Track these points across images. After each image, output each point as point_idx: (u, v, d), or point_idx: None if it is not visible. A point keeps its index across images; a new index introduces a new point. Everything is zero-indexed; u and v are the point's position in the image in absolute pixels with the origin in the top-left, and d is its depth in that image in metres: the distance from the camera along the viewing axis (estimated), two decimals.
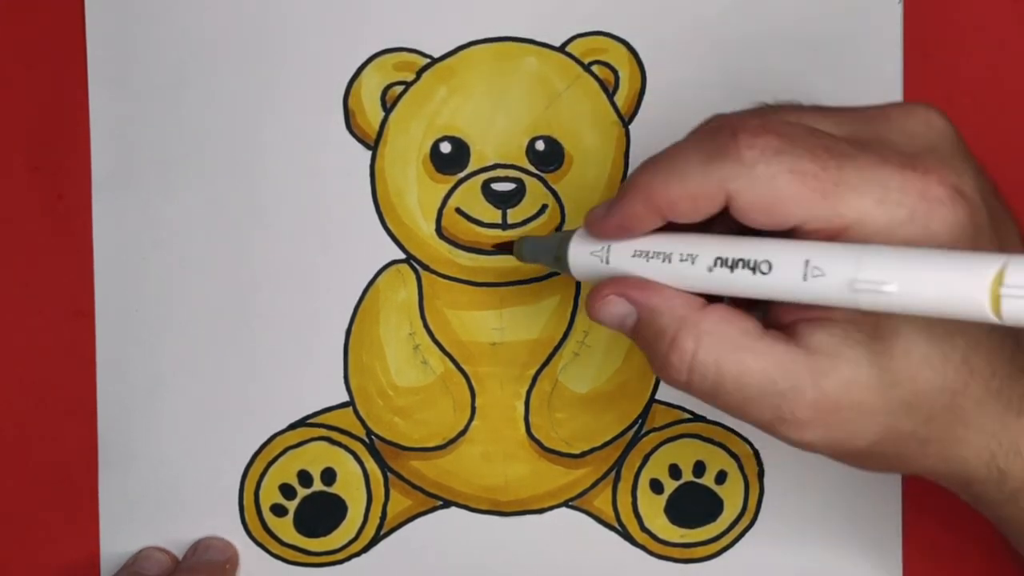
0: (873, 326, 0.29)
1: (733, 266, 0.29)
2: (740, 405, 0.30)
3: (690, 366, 0.30)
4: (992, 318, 0.24)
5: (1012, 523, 0.33)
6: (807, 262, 0.28)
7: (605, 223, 0.32)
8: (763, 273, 0.28)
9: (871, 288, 0.26)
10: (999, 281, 0.24)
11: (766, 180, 0.28)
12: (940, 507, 0.42)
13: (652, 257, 0.31)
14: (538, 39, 0.42)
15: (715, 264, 0.30)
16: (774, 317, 0.31)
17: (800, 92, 0.42)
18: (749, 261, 0.29)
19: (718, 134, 0.29)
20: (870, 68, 0.42)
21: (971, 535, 0.42)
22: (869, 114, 0.31)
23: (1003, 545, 0.42)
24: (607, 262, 0.32)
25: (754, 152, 0.29)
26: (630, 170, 0.42)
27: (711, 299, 0.31)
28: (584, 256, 0.33)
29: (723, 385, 0.30)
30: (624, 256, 0.32)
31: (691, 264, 0.30)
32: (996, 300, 0.24)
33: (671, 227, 0.31)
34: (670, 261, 0.31)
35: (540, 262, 0.38)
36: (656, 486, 0.43)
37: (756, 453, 0.43)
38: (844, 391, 0.29)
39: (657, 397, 0.43)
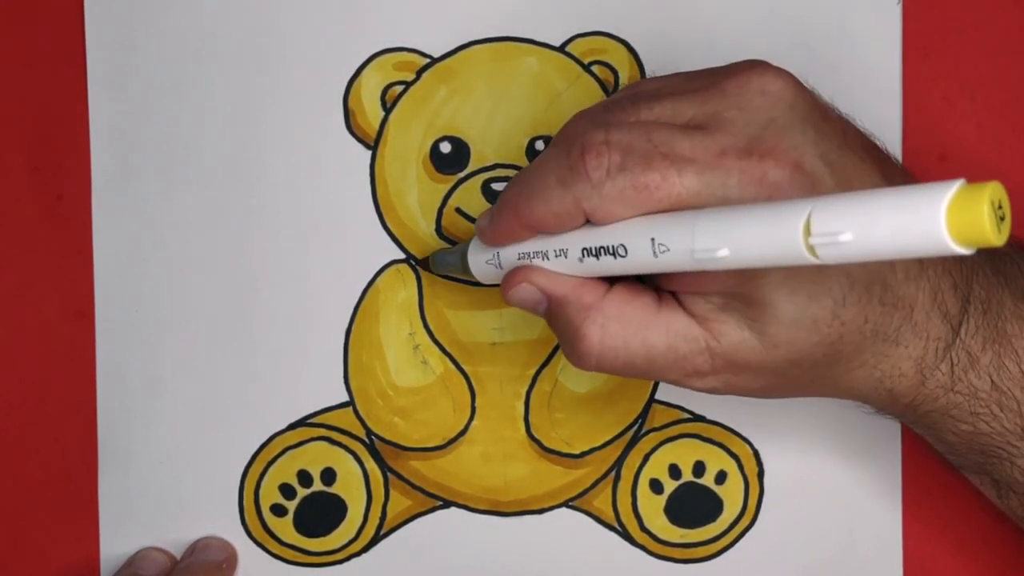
0: (746, 296, 0.31)
1: (598, 254, 0.32)
2: (651, 374, 0.33)
3: (599, 352, 0.33)
4: (817, 262, 0.26)
5: (917, 425, 0.36)
6: (653, 240, 0.30)
7: (488, 236, 0.35)
8: (622, 256, 0.31)
9: (708, 256, 0.28)
10: (807, 232, 0.25)
11: (613, 196, 0.31)
12: (940, 507, 0.42)
13: (533, 257, 0.34)
14: (538, 39, 0.42)
15: (583, 255, 0.32)
16: (664, 284, 0.33)
17: None
18: (608, 247, 0.31)
19: (570, 152, 0.32)
20: (870, 68, 0.42)
21: (971, 537, 0.42)
22: (708, 92, 0.32)
23: (1003, 546, 0.42)
24: (500, 267, 0.36)
25: (600, 172, 0.31)
26: None
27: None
28: (481, 264, 0.37)
29: (633, 362, 0.33)
30: (511, 259, 0.35)
31: (565, 258, 0.33)
32: (811, 249, 0.25)
33: None
34: (547, 258, 0.33)
35: (452, 273, 0.41)
36: (656, 486, 0.43)
37: (756, 453, 0.43)
38: (734, 351, 0.32)
39: (657, 397, 0.43)
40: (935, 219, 0.23)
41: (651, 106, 0.33)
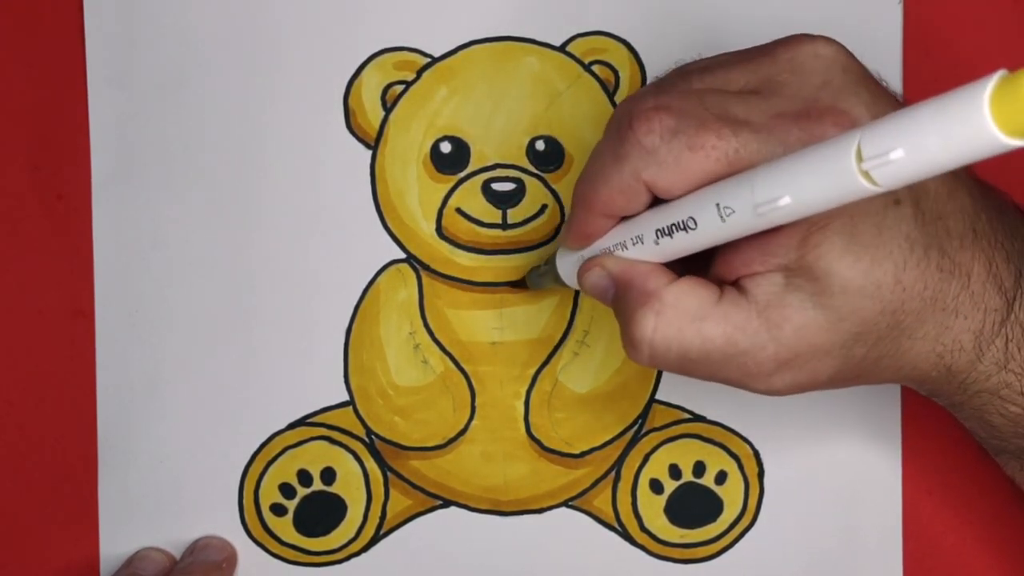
0: (809, 270, 0.31)
1: (671, 232, 0.31)
2: (709, 371, 0.32)
3: (651, 341, 0.32)
4: (875, 189, 0.25)
5: (965, 408, 0.35)
6: (718, 205, 0.29)
7: (567, 237, 0.35)
8: (693, 229, 0.30)
9: (771, 206, 0.28)
10: (860, 158, 0.25)
11: (672, 161, 0.30)
12: (940, 508, 0.42)
13: (613, 250, 0.33)
14: (539, 39, 0.43)
15: (657, 237, 0.32)
16: (723, 276, 0.33)
17: None
18: (679, 223, 0.31)
19: (620, 126, 0.31)
20: (870, 68, 0.42)
21: (972, 538, 0.42)
22: (759, 60, 0.32)
23: (1004, 547, 0.42)
24: None
25: (652, 137, 0.30)
26: None
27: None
28: (571, 270, 0.36)
29: (687, 354, 0.32)
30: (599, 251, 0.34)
31: (642, 244, 0.32)
32: (867, 175, 0.25)
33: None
34: (627, 248, 0.33)
35: (547, 286, 0.40)
36: (656, 486, 0.43)
37: (756, 453, 0.43)
38: (799, 338, 0.31)
39: (657, 397, 0.43)
40: (979, 114, 0.23)
41: (702, 77, 0.32)
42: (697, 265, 0.33)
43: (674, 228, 0.31)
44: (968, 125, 0.23)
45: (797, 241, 0.30)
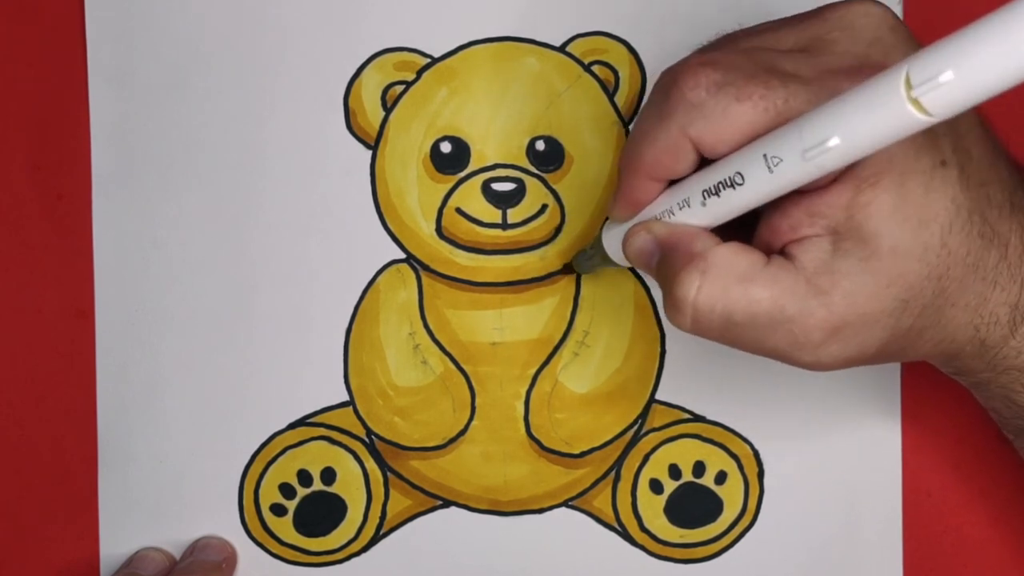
0: (857, 231, 0.30)
1: (717, 191, 0.30)
2: (754, 338, 0.31)
3: (695, 302, 0.31)
4: (926, 120, 0.25)
5: (990, 386, 0.35)
6: (765, 156, 0.29)
7: (616, 208, 0.34)
8: (740, 185, 0.30)
9: (820, 150, 0.27)
10: (909, 85, 0.25)
11: (720, 114, 0.30)
12: (940, 508, 0.42)
13: (660, 218, 0.33)
14: (538, 39, 0.42)
15: (704, 197, 0.31)
16: (769, 243, 0.32)
17: None
18: (726, 180, 0.30)
19: (664, 85, 0.31)
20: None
21: (972, 539, 0.42)
22: (808, 21, 0.32)
23: (1006, 548, 0.42)
24: None
25: (698, 91, 0.30)
26: None
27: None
28: (617, 246, 0.35)
29: (732, 317, 0.31)
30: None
31: (689, 207, 0.32)
32: (916, 103, 0.25)
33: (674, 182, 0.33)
34: (673, 214, 0.32)
35: (596, 268, 0.40)
36: (656, 486, 0.43)
37: (756, 453, 0.43)
38: (848, 305, 0.30)
39: (657, 397, 0.43)
40: None
41: (749, 39, 0.32)
42: (741, 236, 0.32)
43: (721, 186, 0.30)
44: (1018, 40, 0.23)
45: (846, 200, 0.30)
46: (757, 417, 0.43)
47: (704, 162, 0.31)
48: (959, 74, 0.24)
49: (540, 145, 0.42)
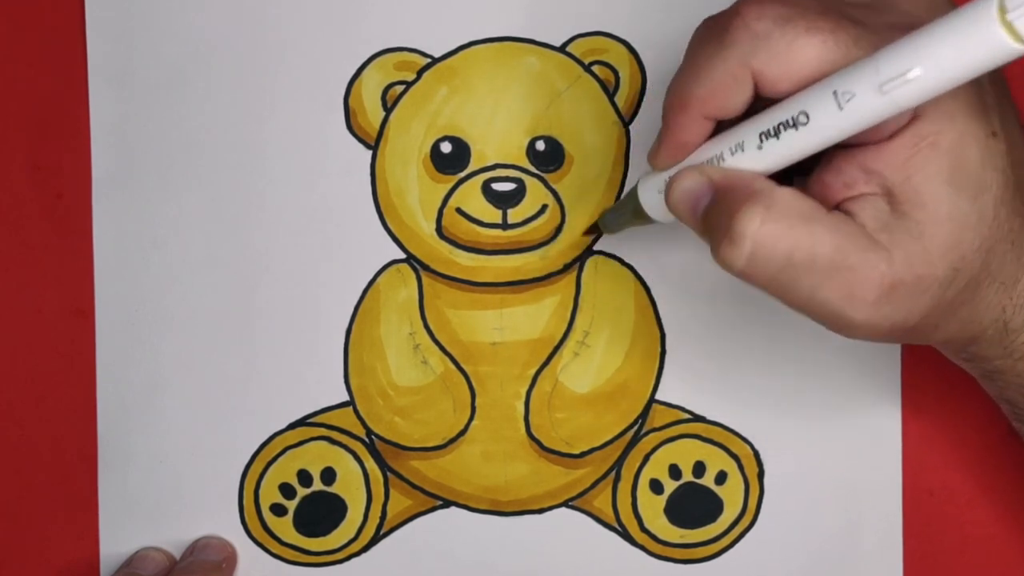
0: (915, 194, 0.29)
1: (776, 132, 0.29)
2: (810, 284, 0.30)
3: (756, 237, 0.29)
4: (1019, 48, 0.24)
5: (1007, 374, 0.34)
6: (835, 92, 0.28)
7: (660, 152, 0.33)
8: (804, 124, 0.29)
9: (899, 82, 0.26)
10: (1003, 10, 0.24)
11: (785, 46, 0.29)
12: (941, 508, 0.42)
13: (714, 160, 0.31)
14: (539, 39, 0.42)
15: (761, 140, 0.30)
16: (823, 200, 0.31)
17: None
18: (787, 120, 0.29)
19: (722, 19, 0.30)
20: None
21: (973, 538, 0.42)
22: None
23: (1006, 549, 0.42)
24: None
25: (765, 23, 0.29)
26: (631, 170, 0.42)
27: None
28: (655, 197, 0.34)
29: (793, 257, 0.29)
30: None
31: (743, 152, 0.30)
32: (1011, 28, 0.24)
33: (716, 131, 0.32)
34: (723, 159, 0.31)
35: (625, 226, 0.38)
36: (656, 486, 0.43)
37: (756, 453, 0.43)
38: (908, 266, 0.30)
39: (657, 397, 0.43)
40: None
41: None
42: None
43: (782, 127, 0.29)
44: None
45: (903, 158, 0.29)
46: (757, 417, 0.43)
47: (754, 108, 0.30)
48: None
49: (540, 145, 0.42)
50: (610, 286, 0.42)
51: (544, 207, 0.42)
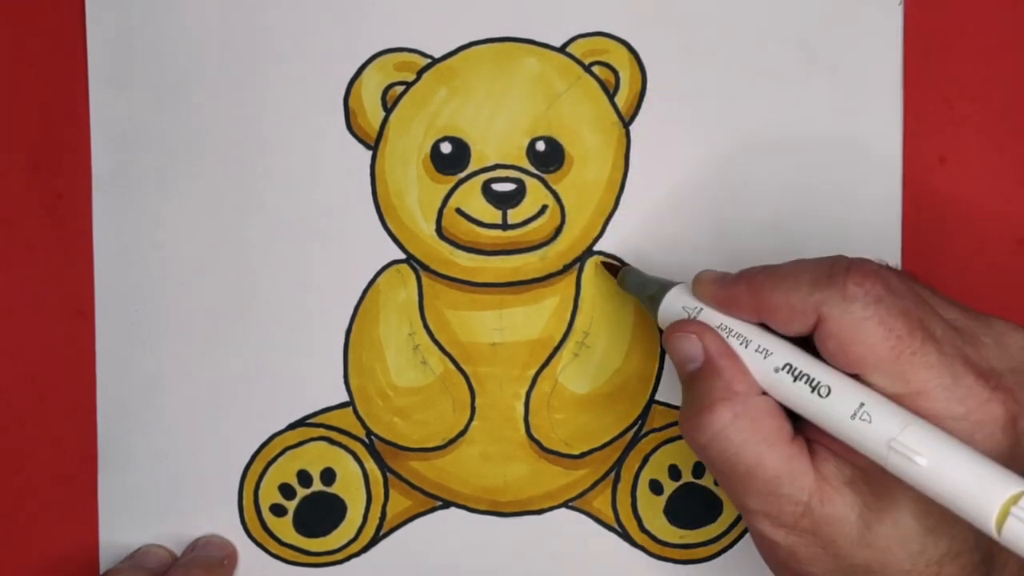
0: (880, 485, 0.31)
1: (797, 377, 0.32)
2: (741, 487, 0.33)
3: (715, 435, 0.32)
4: (992, 530, 0.26)
5: None
6: (861, 404, 0.30)
7: (712, 291, 0.35)
8: (820, 396, 0.31)
9: (905, 452, 0.28)
10: (1013, 501, 0.26)
11: (856, 319, 0.31)
12: None
13: (732, 335, 0.34)
14: (539, 40, 0.42)
15: (783, 368, 0.32)
16: (813, 433, 0.33)
17: (801, 92, 0.42)
18: (813, 379, 0.31)
19: (834, 264, 0.32)
20: (870, 68, 0.42)
21: None
22: (977, 315, 0.33)
23: None
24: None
25: (859, 291, 0.31)
26: (631, 171, 0.42)
27: None
28: (676, 308, 0.36)
29: (736, 466, 0.32)
30: (711, 322, 0.35)
31: (763, 358, 0.33)
32: (1003, 515, 0.26)
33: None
34: (746, 346, 0.33)
35: (635, 295, 0.40)
36: (656, 487, 0.43)
37: None
38: (830, 523, 0.32)
39: (657, 398, 0.43)
40: None
41: (923, 288, 0.33)
42: None
43: (805, 377, 0.31)
44: None
45: (863, 499, 0.31)
46: None
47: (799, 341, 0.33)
48: None
49: (540, 146, 0.42)
50: (610, 287, 0.42)
51: (544, 208, 0.42)
